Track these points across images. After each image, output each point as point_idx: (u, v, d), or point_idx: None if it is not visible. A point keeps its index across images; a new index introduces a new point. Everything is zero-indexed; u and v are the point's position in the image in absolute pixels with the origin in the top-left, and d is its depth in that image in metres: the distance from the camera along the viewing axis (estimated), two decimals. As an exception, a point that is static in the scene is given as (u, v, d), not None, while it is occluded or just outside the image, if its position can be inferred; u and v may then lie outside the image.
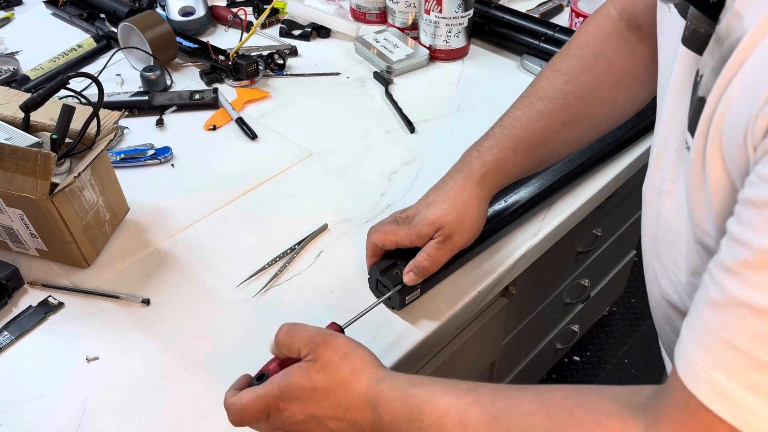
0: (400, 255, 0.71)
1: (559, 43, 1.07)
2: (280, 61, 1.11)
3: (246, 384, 0.56)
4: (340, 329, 0.60)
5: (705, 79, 0.41)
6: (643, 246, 0.57)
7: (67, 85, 0.73)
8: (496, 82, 1.08)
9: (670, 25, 0.50)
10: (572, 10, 1.15)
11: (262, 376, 0.55)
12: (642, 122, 0.91)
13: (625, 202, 1.17)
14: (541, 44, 1.08)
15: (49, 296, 0.73)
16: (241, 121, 0.98)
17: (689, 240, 0.47)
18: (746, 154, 0.37)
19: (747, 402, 0.34)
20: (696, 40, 0.44)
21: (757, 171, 0.35)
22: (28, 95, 0.74)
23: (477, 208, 0.67)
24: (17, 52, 1.17)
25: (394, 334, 0.69)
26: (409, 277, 0.67)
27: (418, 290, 0.70)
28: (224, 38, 1.21)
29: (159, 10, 1.25)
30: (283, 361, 0.56)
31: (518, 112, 0.68)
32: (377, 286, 0.71)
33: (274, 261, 0.77)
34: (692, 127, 0.43)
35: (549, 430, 0.43)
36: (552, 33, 1.09)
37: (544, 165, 0.73)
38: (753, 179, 0.35)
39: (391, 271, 0.69)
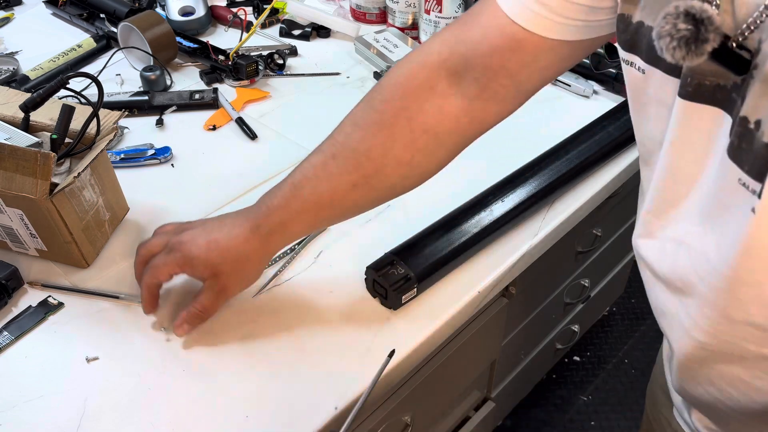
0: (397, 255, 0.71)
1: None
2: (280, 61, 1.11)
3: None
4: None
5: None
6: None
7: (67, 85, 0.73)
8: (496, 82, 1.08)
9: (651, 84, 0.49)
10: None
11: None
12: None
13: (625, 202, 1.17)
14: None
15: (49, 296, 0.73)
16: (241, 121, 0.98)
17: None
18: None
19: None
20: (705, 92, 0.44)
21: None
22: (28, 95, 0.74)
23: (256, 263, 0.68)
24: (17, 52, 1.17)
25: (395, 334, 0.69)
26: (183, 329, 0.68)
27: (415, 289, 0.71)
28: (224, 38, 1.21)
29: (159, 10, 1.25)
30: None
31: (309, 168, 0.65)
32: (374, 286, 0.72)
33: (274, 261, 0.77)
34: (760, 175, 0.41)
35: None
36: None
37: (333, 223, 0.71)
38: None
39: (388, 269, 0.69)
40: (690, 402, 0.62)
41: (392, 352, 0.66)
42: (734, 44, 0.40)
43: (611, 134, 0.90)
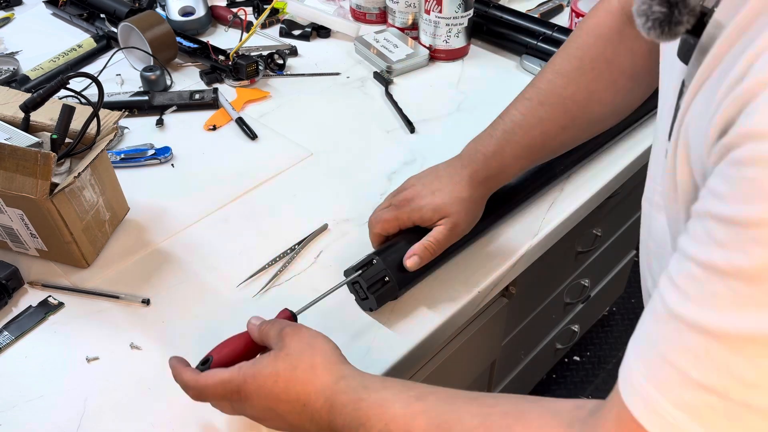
0: (379, 254, 0.70)
1: (558, 43, 1.07)
2: (280, 61, 1.11)
3: (185, 362, 0.59)
4: (293, 315, 0.63)
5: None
6: (640, 259, 0.57)
7: (67, 85, 0.73)
8: (496, 82, 1.08)
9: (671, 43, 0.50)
10: (572, 10, 1.15)
11: (207, 360, 0.58)
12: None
13: (625, 202, 1.17)
14: (539, 44, 1.08)
15: (49, 296, 0.73)
16: (241, 121, 0.98)
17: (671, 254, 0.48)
18: (706, 163, 0.36)
19: (676, 420, 0.33)
20: (686, 51, 0.44)
21: (707, 183, 0.34)
22: (28, 95, 0.74)
23: (479, 203, 0.72)
24: (17, 52, 1.17)
25: (395, 334, 0.69)
26: (412, 261, 0.68)
27: (396, 290, 0.70)
28: (224, 38, 1.21)
29: (159, 10, 1.25)
30: (231, 347, 0.59)
31: (519, 116, 0.71)
32: (356, 291, 0.71)
33: (274, 261, 0.77)
34: (670, 135, 0.43)
35: None
36: (551, 33, 1.09)
37: (543, 162, 0.77)
38: (703, 192, 0.35)
39: (366, 268, 0.69)
40: None
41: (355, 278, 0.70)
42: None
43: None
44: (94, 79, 0.74)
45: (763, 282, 0.30)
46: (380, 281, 0.69)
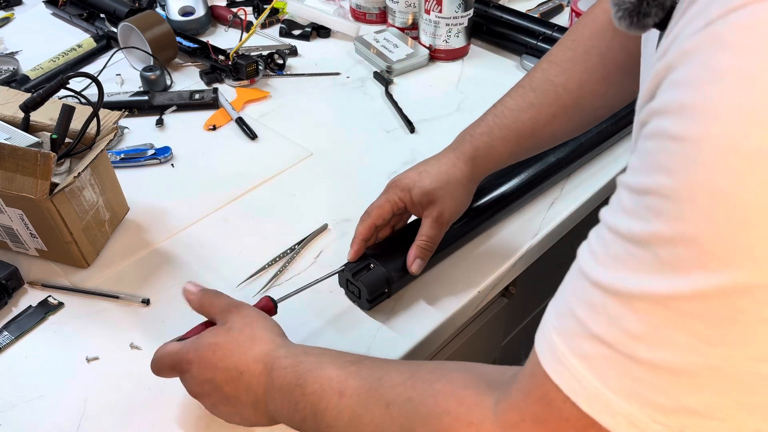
0: (376, 258, 0.70)
1: (559, 43, 1.07)
2: (280, 61, 1.11)
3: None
4: (274, 303, 0.64)
5: None
6: None
7: (67, 85, 0.73)
8: (496, 82, 1.08)
9: (652, 39, 0.51)
10: (572, 10, 1.15)
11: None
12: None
13: (625, 202, 1.17)
14: (539, 44, 1.08)
15: (49, 296, 0.73)
16: (241, 121, 0.98)
17: None
18: None
19: (574, 367, 0.35)
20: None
21: (629, 158, 0.36)
22: (28, 95, 0.74)
23: (467, 186, 0.71)
24: (17, 52, 1.17)
25: (394, 334, 0.69)
26: (417, 264, 0.69)
27: (386, 292, 0.70)
28: (224, 38, 1.21)
29: (159, 10, 1.25)
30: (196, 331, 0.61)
31: (511, 101, 0.71)
32: (347, 286, 0.71)
33: (274, 261, 0.77)
34: None
35: (411, 399, 0.46)
36: (551, 33, 1.09)
37: (531, 154, 0.75)
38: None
39: (365, 271, 0.69)
40: None
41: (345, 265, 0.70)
42: None
43: (603, 129, 0.90)
44: (94, 79, 0.74)
45: (648, 246, 0.32)
46: (381, 286, 0.69)
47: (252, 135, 0.97)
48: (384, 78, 1.07)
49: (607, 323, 0.34)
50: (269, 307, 0.64)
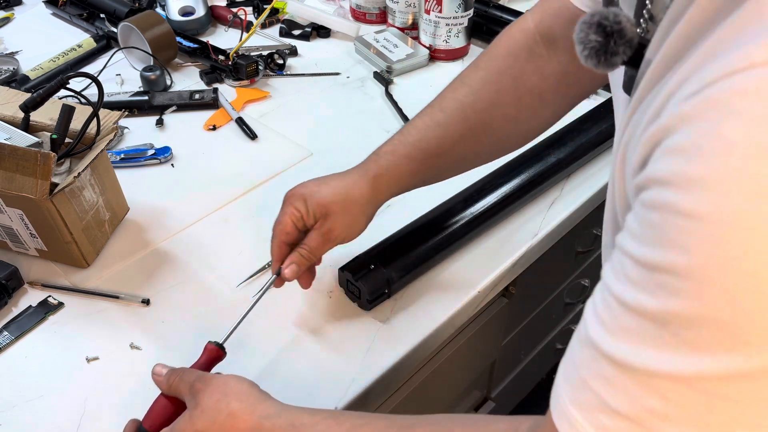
0: (376, 258, 0.70)
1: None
2: (280, 61, 1.11)
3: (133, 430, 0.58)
4: (220, 347, 0.61)
5: None
6: None
7: (67, 85, 0.73)
8: (496, 82, 1.08)
9: (618, 74, 0.50)
10: (572, 10, 1.15)
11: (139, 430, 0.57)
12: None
13: (625, 202, 1.17)
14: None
15: (49, 296, 0.73)
16: (241, 121, 0.98)
17: None
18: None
19: None
20: (629, 85, 0.44)
21: (627, 218, 0.35)
22: (28, 95, 0.74)
23: (364, 207, 0.67)
24: (17, 52, 1.17)
25: (394, 334, 0.69)
26: (290, 269, 0.65)
27: (386, 293, 0.70)
28: (224, 38, 1.21)
29: (159, 10, 1.25)
30: (159, 414, 0.58)
31: (418, 120, 0.68)
32: (347, 286, 0.71)
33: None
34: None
35: None
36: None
37: (441, 176, 0.71)
38: (624, 225, 0.35)
39: (365, 272, 0.69)
40: None
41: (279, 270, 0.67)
42: None
43: (603, 130, 0.90)
44: (94, 79, 0.74)
45: (665, 325, 0.31)
46: (381, 286, 0.69)
47: (252, 135, 0.97)
48: (384, 78, 1.07)
49: (628, 401, 0.33)
50: (216, 354, 0.61)
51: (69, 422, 0.62)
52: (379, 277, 0.69)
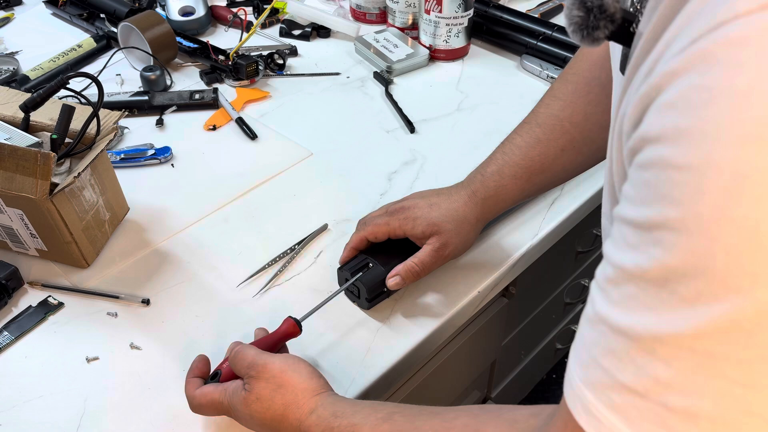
0: (371, 253, 0.71)
1: (558, 43, 1.07)
2: (280, 61, 1.11)
3: (202, 370, 0.61)
4: (297, 323, 0.63)
5: None
6: None
7: (67, 85, 0.73)
8: (496, 82, 1.08)
9: (616, 53, 0.50)
10: (572, 10, 1.14)
11: (216, 375, 0.60)
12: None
13: (625, 202, 1.17)
14: (539, 44, 1.08)
15: (49, 296, 0.73)
16: (241, 121, 0.98)
17: None
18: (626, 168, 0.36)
19: (608, 420, 0.34)
20: (623, 63, 0.44)
21: (623, 187, 0.35)
22: (28, 95, 0.74)
23: (474, 226, 0.70)
24: (17, 52, 1.17)
25: (394, 334, 0.69)
26: (394, 281, 0.68)
27: (385, 291, 0.71)
28: (224, 38, 1.21)
29: (159, 10, 1.25)
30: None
31: (518, 138, 0.71)
32: (345, 282, 0.71)
33: (274, 261, 0.77)
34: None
35: None
36: (551, 33, 1.09)
37: (544, 190, 0.75)
38: (620, 196, 0.35)
39: (362, 270, 0.70)
40: None
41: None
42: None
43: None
44: (94, 79, 0.74)
45: (664, 284, 0.31)
46: (380, 285, 0.69)
47: (252, 135, 0.97)
48: (384, 78, 1.07)
49: (635, 372, 0.32)
50: (293, 329, 0.63)
51: (69, 422, 0.62)
52: (378, 276, 0.69)
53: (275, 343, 0.62)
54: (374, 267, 0.70)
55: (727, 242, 0.28)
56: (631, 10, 0.41)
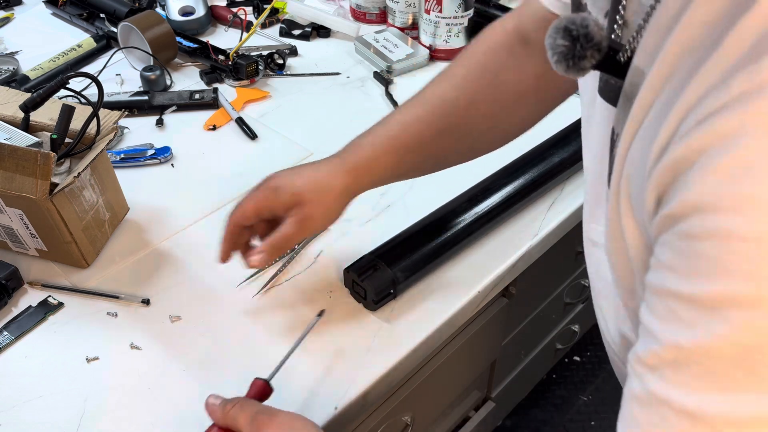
0: (382, 259, 0.71)
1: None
2: (280, 61, 1.11)
3: None
4: (266, 383, 0.58)
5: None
6: (592, 297, 0.57)
7: (67, 85, 0.73)
8: (496, 82, 1.08)
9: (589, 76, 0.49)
10: (572, 10, 1.15)
11: None
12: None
13: (625, 202, 1.17)
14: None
15: (49, 296, 0.73)
16: (241, 121, 0.98)
17: (616, 296, 0.46)
18: (648, 227, 0.35)
19: None
20: (609, 92, 0.44)
21: (656, 254, 0.33)
22: (28, 95, 0.74)
23: (339, 196, 0.65)
24: (17, 52, 1.17)
25: (394, 334, 0.69)
26: (257, 257, 0.63)
27: (392, 293, 0.71)
28: (224, 38, 1.21)
29: (159, 9, 1.25)
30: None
31: (400, 114, 0.67)
32: (353, 287, 0.71)
33: (274, 261, 0.77)
34: (609, 182, 0.43)
35: None
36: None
37: (416, 173, 0.70)
38: (653, 261, 0.33)
39: (371, 272, 0.69)
40: None
41: (321, 312, 0.69)
42: (627, 55, 0.39)
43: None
44: (94, 79, 0.74)
45: (741, 362, 0.29)
46: (387, 287, 0.69)
47: (252, 135, 0.97)
48: (384, 78, 1.07)
49: None
50: (265, 391, 0.58)
51: (69, 422, 0.62)
52: (384, 278, 0.69)
53: None
54: (381, 269, 0.70)
55: None
56: (612, 36, 0.40)
